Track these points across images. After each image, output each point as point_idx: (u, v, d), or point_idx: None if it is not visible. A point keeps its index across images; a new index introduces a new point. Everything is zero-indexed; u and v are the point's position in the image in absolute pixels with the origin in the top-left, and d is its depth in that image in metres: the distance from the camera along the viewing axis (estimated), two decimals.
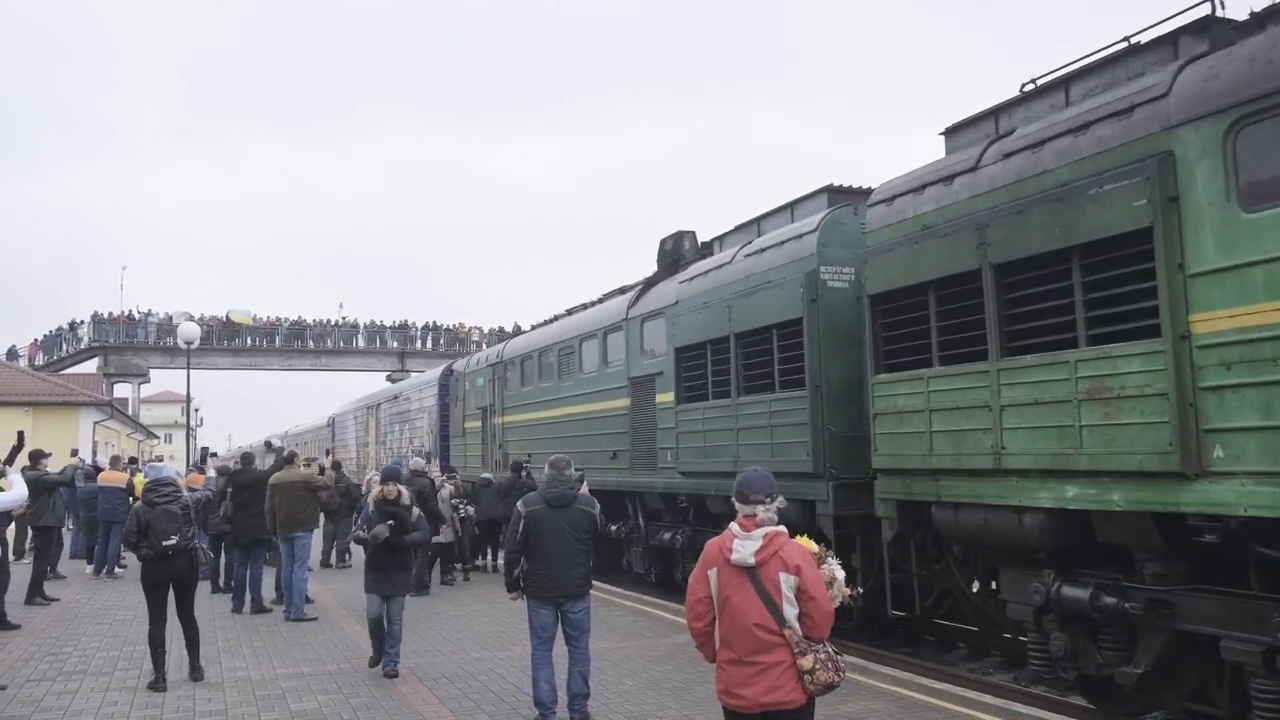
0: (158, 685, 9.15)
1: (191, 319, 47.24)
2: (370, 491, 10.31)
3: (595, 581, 14.96)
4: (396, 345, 57.82)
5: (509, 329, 55.13)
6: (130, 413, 51.13)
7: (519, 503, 8.05)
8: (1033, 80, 9.14)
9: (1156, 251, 7.06)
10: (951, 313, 9.12)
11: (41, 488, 14.77)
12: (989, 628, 10.79)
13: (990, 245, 8.60)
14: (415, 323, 59.13)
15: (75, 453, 24.33)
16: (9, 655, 10.81)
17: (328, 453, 31.94)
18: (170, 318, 52.87)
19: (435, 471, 20.47)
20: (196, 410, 66.27)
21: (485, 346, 45.07)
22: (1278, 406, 6.32)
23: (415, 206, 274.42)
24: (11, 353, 50.98)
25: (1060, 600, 8.23)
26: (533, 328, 20.43)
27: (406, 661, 9.98)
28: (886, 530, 10.05)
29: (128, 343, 53.35)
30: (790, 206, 12.41)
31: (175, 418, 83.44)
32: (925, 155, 13.10)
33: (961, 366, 8.92)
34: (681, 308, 13.44)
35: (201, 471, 19.49)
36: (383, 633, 9.54)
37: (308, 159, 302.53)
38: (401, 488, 9.77)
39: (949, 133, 10.00)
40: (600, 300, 17.27)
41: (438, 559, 16.22)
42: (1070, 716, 8.47)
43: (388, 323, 58.62)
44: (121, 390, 54.49)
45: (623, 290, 16.42)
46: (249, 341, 56.00)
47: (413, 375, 46.91)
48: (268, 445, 41.00)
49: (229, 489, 13.99)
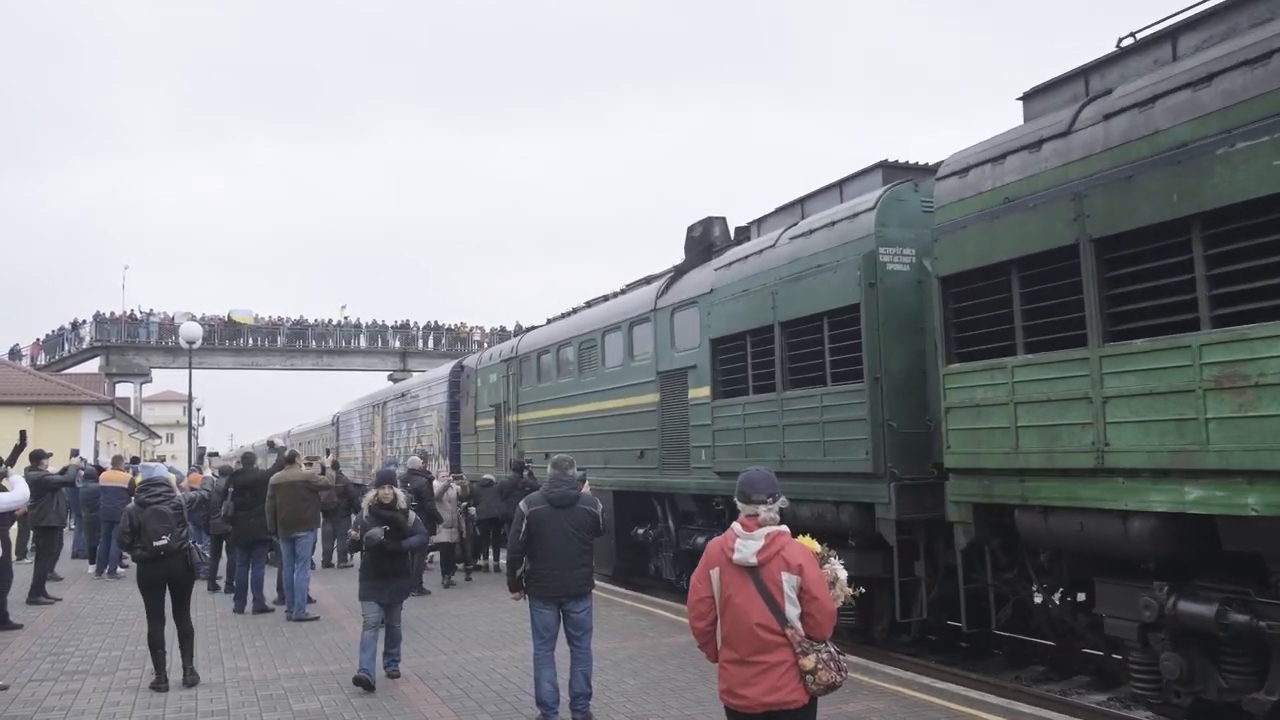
0: (159, 685, 8.99)
1: (193, 319, 46.67)
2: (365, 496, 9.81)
3: (605, 583, 14.43)
4: (398, 345, 56.78)
5: (510, 329, 54.08)
6: (132, 412, 50.57)
7: (522, 502, 7.87)
8: (1131, 34, 8.00)
9: None
10: (1040, 294, 7.99)
11: (44, 488, 14.49)
12: (1066, 643, 9.63)
13: (1089, 217, 7.48)
14: (417, 322, 58.09)
15: (76, 453, 23.89)
16: (11, 655, 10.61)
17: (328, 452, 30.80)
18: (172, 318, 51.84)
19: (442, 470, 19.45)
20: (198, 410, 65.09)
21: (487, 346, 43.93)
22: None
23: (415, 206, 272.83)
24: (14, 352, 50.07)
25: (1176, 616, 7.10)
26: (549, 321, 19.17)
27: (408, 661, 9.77)
28: (960, 537, 8.91)
29: (130, 342, 52.40)
30: (839, 185, 11.24)
31: (177, 417, 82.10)
32: (926, 154, 11.80)
33: (1053, 354, 7.79)
34: (717, 296, 12.26)
35: (200, 472, 19.11)
36: (374, 644, 9.00)
37: (308, 159, 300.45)
38: (397, 491, 9.37)
39: (1028, 97, 8.86)
40: (624, 291, 16.05)
41: (438, 557, 15.92)
42: (1075, 717, 7.95)
43: (389, 322, 57.51)
44: (123, 390, 53.91)
45: (648, 280, 15.22)
46: (251, 341, 55.00)
47: (415, 375, 45.74)
48: (270, 445, 40.03)
49: (230, 489, 13.73)
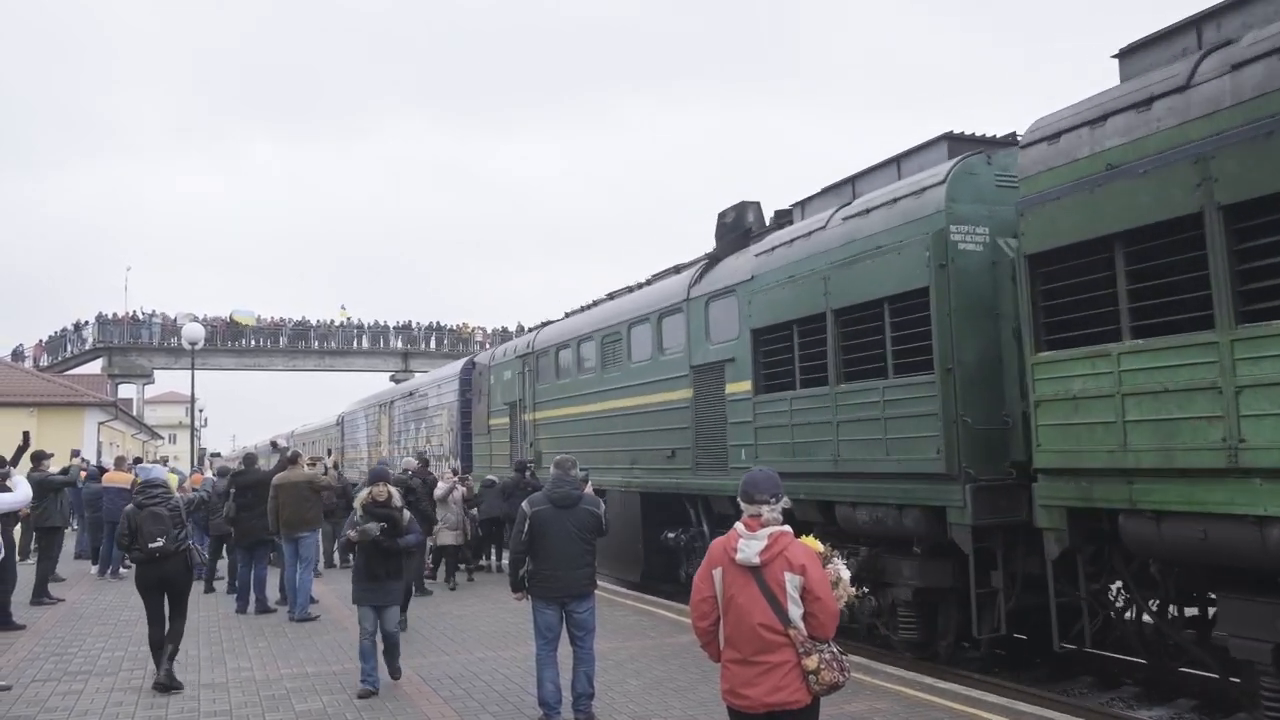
0: (175, 682, 8.82)
1: (195, 320, 45.79)
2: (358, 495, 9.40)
3: (607, 583, 13.66)
4: (400, 346, 55.68)
5: (512, 329, 52.98)
6: (135, 413, 49.45)
7: (524, 503, 7.71)
8: None
9: None
10: (1153, 270, 6.90)
11: (46, 488, 14.21)
12: (1161, 661, 8.53)
13: (1216, 181, 6.41)
14: (419, 323, 56.89)
15: (76, 453, 23.21)
16: (14, 656, 10.44)
17: (329, 452, 29.65)
18: (174, 319, 50.78)
19: (446, 471, 18.61)
20: (200, 411, 64.12)
21: (489, 347, 42.80)
22: None
23: (416, 206, 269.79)
24: (17, 353, 49.02)
25: None
26: (566, 315, 17.98)
27: (410, 661, 9.54)
28: (1052, 545, 7.81)
29: (132, 344, 51.40)
30: (897, 161, 10.12)
31: (180, 418, 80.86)
32: None
33: (1171, 339, 6.72)
34: (759, 284, 11.14)
35: (202, 472, 18.73)
36: (374, 651, 8.60)
37: (308, 159, 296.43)
38: (392, 489, 9.03)
39: (1125, 54, 7.77)
40: (650, 281, 14.89)
41: (442, 559, 15.55)
42: (1075, 716, 7.62)
43: (391, 323, 56.35)
44: (126, 391, 53.06)
45: (677, 269, 14.08)
46: (253, 342, 54.00)
47: (423, 374, 44.55)
48: (273, 445, 38.91)
49: (232, 489, 13.49)
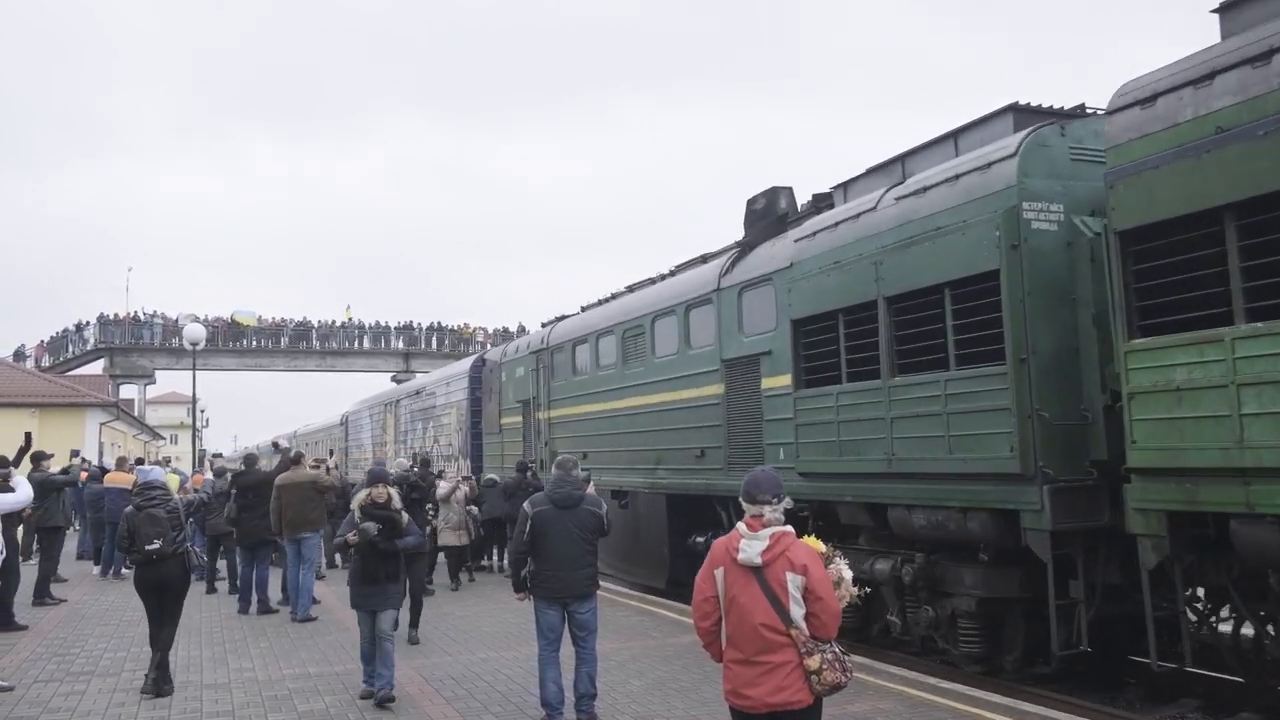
0: (162, 686, 8.63)
1: (197, 320, 44.95)
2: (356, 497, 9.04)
3: (610, 584, 12.94)
4: (402, 346, 54.79)
5: (513, 329, 52.09)
6: (136, 414, 48.50)
7: (526, 503, 7.59)
8: None
9: None
10: (1273, 245, 6.00)
11: (48, 488, 14.03)
12: (1261, 680, 7.65)
13: None
14: (420, 323, 56.03)
15: (76, 453, 23.27)
16: (17, 656, 10.33)
17: (331, 453, 28.67)
18: (176, 319, 49.88)
19: (449, 472, 17.96)
20: (202, 411, 63.14)
21: (490, 347, 41.89)
22: None
23: (416, 206, 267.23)
24: (19, 354, 48.03)
25: None
26: (582, 309, 17.05)
27: (412, 662, 9.48)
28: (1149, 553, 6.92)
29: (133, 344, 50.59)
30: (953, 136, 9.22)
31: (181, 419, 79.70)
32: None
33: None
34: (799, 271, 10.24)
35: (203, 473, 18.42)
36: (374, 652, 8.23)
37: (308, 159, 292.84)
38: (391, 490, 8.67)
39: (1227, 9, 6.88)
40: (674, 272, 13.95)
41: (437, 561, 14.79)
42: (1078, 716, 7.37)
43: (392, 323, 55.45)
44: (127, 391, 52.21)
45: (704, 259, 13.14)
46: (254, 343, 53.15)
47: (432, 372, 43.55)
48: (275, 446, 38.02)
49: (233, 490, 13.36)
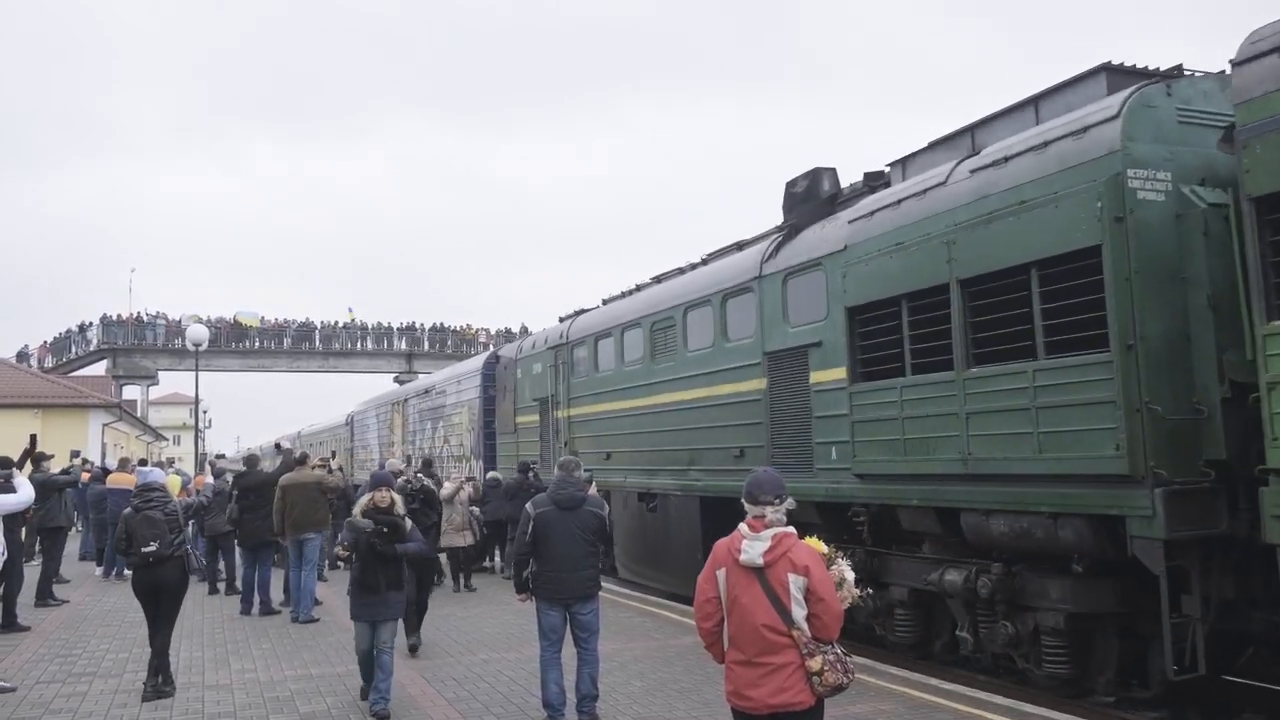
0: (162, 690, 8.46)
1: (199, 321, 44.00)
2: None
3: (612, 585, 12.90)
4: (404, 347, 53.77)
5: (515, 330, 51.07)
6: (139, 415, 47.63)
7: (528, 504, 7.43)
8: None
9: None
10: None
11: (50, 489, 13.74)
12: None
13: None
14: (422, 324, 54.97)
15: (76, 454, 23.21)
16: (19, 657, 10.15)
17: (333, 454, 27.66)
18: (178, 320, 48.91)
19: (454, 473, 17.44)
20: (205, 412, 61.97)
21: (492, 348, 40.88)
22: None
23: (416, 206, 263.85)
24: (22, 354, 47.13)
25: None
26: (604, 302, 15.95)
27: (414, 663, 9.38)
28: None
29: (136, 345, 49.50)
30: (1033, 102, 8.20)
31: (184, 420, 78.35)
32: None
33: None
34: (854, 254, 9.24)
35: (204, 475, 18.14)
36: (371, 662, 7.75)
37: (309, 159, 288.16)
38: (394, 494, 8.19)
39: None
40: (706, 260, 12.88)
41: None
42: (1079, 717, 7.17)
43: (395, 324, 54.46)
44: (130, 392, 51.34)
45: (740, 245, 12.07)
46: (257, 343, 52.14)
47: (422, 377, 42.49)
48: (277, 447, 37.08)
49: (234, 491, 13.16)
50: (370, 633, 7.64)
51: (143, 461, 21.96)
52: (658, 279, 14.04)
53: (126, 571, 15.31)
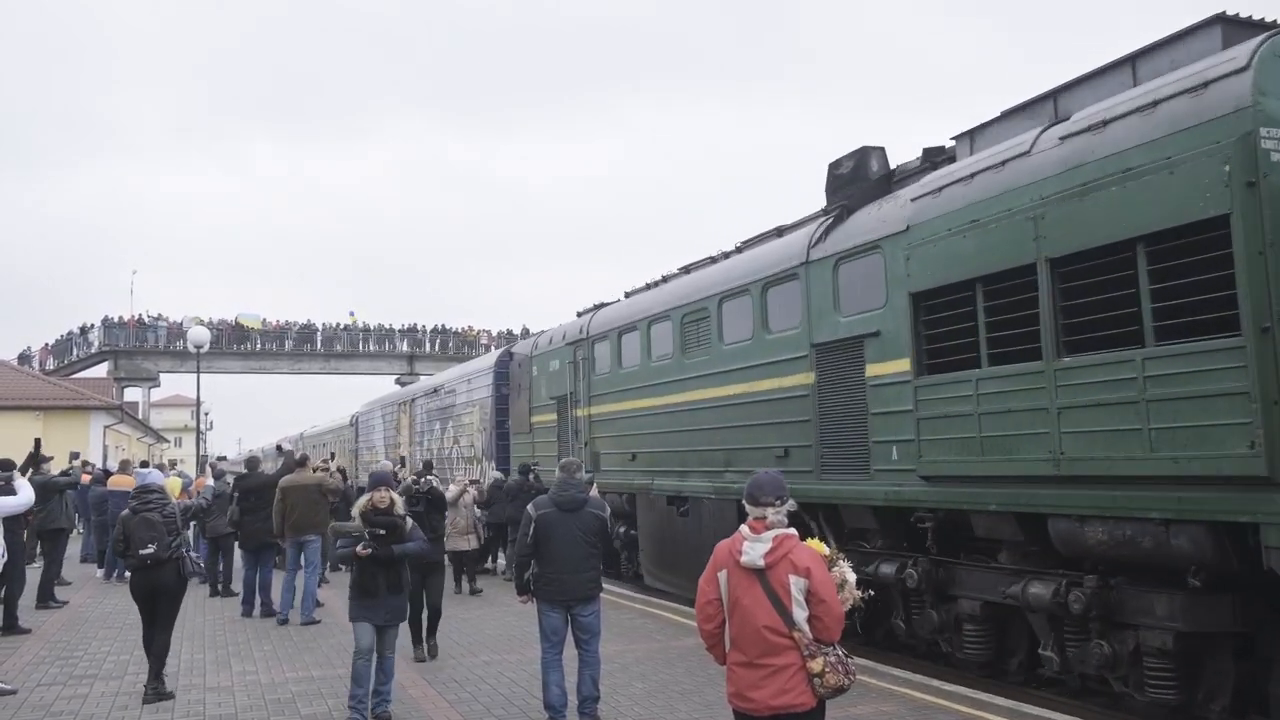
0: (163, 693, 8.33)
1: (201, 323, 43.22)
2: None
3: (613, 586, 12.61)
4: (405, 349, 52.83)
5: (517, 332, 50.07)
6: (140, 417, 46.72)
7: (529, 506, 7.25)
8: None
9: None
10: None
11: (50, 490, 13.49)
12: None
13: None
14: (424, 326, 53.98)
15: (76, 455, 22.62)
16: (20, 659, 10.03)
17: (332, 455, 26.70)
18: (180, 322, 47.95)
19: (459, 476, 16.95)
20: (206, 414, 60.82)
21: (494, 349, 39.91)
22: None
23: (417, 206, 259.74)
24: (23, 356, 46.12)
25: None
26: (627, 295, 14.92)
27: (415, 665, 9.26)
28: None
29: (138, 347, 48.75)
30: (1131, 60, 7.21)
31: (185, 421, 77.12)
32: (932, 144, 8.29)
33: None
34: (919, 234, 8.27)
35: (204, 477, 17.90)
36: (369, 673, 7.32)
37: (309, 160, 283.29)
38: (394, 495, 7.80)
39: None
40: (741, 248, 11.86)
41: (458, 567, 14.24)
42: (1079, 717, 7.00)
43: (396, 326, 53.49)
44: (132, 394, 50.37)
45: (779, 231, 11.07)
46: (259, 345, 51.25)
47: (422, 378, 41.42)
48: (278, 449, 36.15)
49: (235, 493, 12.99)
50: (372, 631, 7.32)
51: (144, 463, 21.90)
52: (686, 269, 13.00)
53: (127, 574, 14.95)
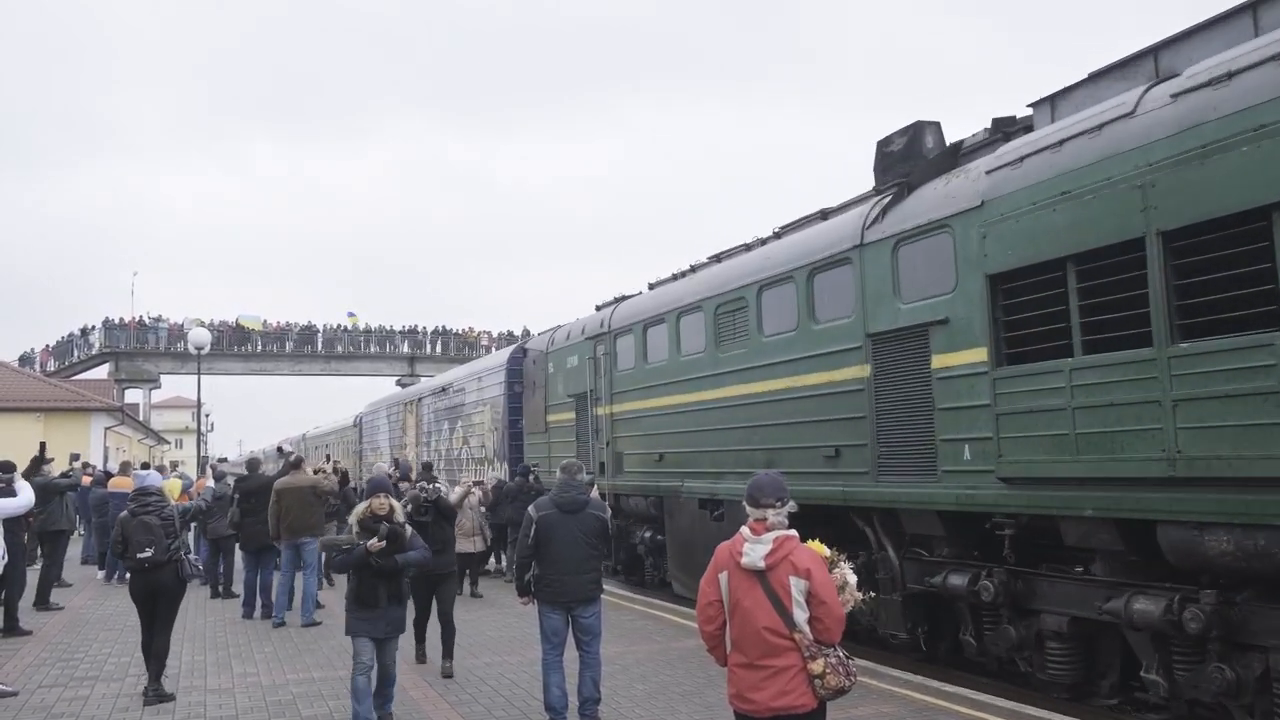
0: (163, 695, 8.13)
1: (202, 324, 42.38)
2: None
3: (614, 587, 12.51)
4: (406, 350, 51.88)
5: (517, 333, 49.11)
6: (141, 418, 45.86)
7: (530, 507, 7.11)
8: None
9: None
10: None
11: (51, 492, 13.18)
12: None
13: None
14: (425, 327, 53.02)
15: (76, 457, 22.12)
16: (21, 661, 9.87)
17: (327, 458, 25.72)
18: (181, 324, 46.96)
19: (465, 478, 16.41)
20: (207, 415, 59.80)
21: (495, 350, 38.90)
22: None
23: (416, 206, 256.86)
24: (25, 358, 45.15)
25: None
26: (650, 287, 13.92)
27: (416, 667, 9.12)
28: None
29: (139, 348, 47.75)
30: (1250, 7, 6.28)
31: (186, 423, 75.94)
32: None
33: None
34: (996, 210, 7.32)
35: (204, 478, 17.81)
36: (369, 688, 6.99)
37: (309, 160, 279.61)
38: (394, 501, 7.43)
39: None
40: (779, 234, 10.85)
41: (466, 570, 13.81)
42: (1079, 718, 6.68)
43: (397, 327, 52.51)
44: (133, 396, 49.42)
45: (824, 215, 10.12)
46: (259, 346, 50.24)
47: (423, 379, 40.42)
48: (280, 450, 35.25)
49: (236, 495, 12.84)
50: (372, 646, 6.98)
51: (144, 465, 21.40)
52: (718, 257, 11.98)
53: (127, 575, 14.16)
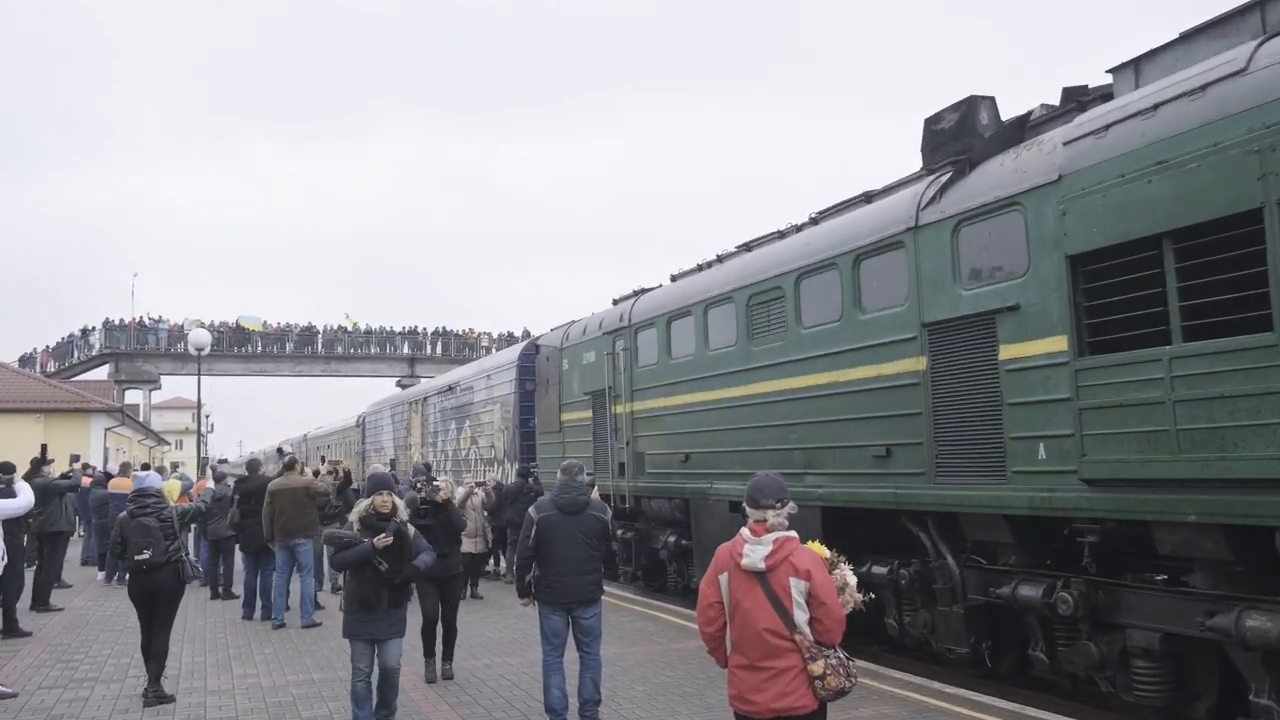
0: (163, 696, 8.02)
1: (202, 325, 41.66)
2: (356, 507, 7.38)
3: (614, 588, 12.27)
4: (407, 351, 51.21)
5: (518, 333, 48.35)
6: (141, 419, 45.19)
7: (530, 508, 7.06)
8: None
9: None
10: None
11: (50, 493, 13.09)
12: None
13: None
14: (425, 328, 52.37)
15: (76, 458, 22.29)
16: (21, 662, 9.67)
17: (323, 459, 24.91)
18: (181, 325, 46.20)
19: (466, 479, 16.03)
20: (207, 416, 58.94)
21: (495, 351, 38.09)
22: None
23: (417, 207, 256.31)
24: (25, 359, 44.38)
25: None
26: (672, 279, 13.08)
27: (417, 668, 8.67)
28: None
29: (139, 349, 46.94)
30: None
31: (186, 424, 74.95)
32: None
33: None
34: (1077, 184, 6.53)
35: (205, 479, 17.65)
36: (370, 695, 6.61)
37: (309, 160, 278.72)
38: (397, 500, 6.99)
39: None
40: (817, 220, 10.00)
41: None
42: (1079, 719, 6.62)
43: (397, 328, 51.81)
44: (133, 397, 48.73)
45: (868, 197, 9.32)
46: (259, 348, 49.58)
47: (423, 381, 39.55)
48: (280, 451, 34.44)
49: (236, 496, 12.77)
50: (371, 652, 6.67)
51: (144, 466, 20.83)
52: (748, 246, 11.12)
53: (127, 576, 13.51)
